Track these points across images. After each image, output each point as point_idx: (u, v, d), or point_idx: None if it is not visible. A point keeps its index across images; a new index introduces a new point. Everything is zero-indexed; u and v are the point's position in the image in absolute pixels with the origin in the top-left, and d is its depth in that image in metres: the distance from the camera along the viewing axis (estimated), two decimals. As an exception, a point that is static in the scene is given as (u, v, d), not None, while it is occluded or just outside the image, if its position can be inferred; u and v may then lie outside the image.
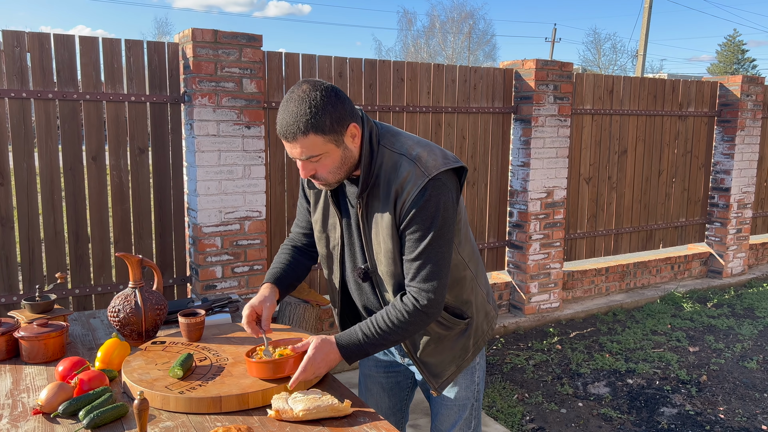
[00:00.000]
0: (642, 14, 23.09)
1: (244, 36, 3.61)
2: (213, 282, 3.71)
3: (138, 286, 1.93)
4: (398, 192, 1.61)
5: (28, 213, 3.36)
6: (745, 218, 6.43)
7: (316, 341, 1.63)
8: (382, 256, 1.69)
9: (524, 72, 4.83)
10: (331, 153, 1.59)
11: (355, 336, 1.66)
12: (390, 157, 1.65)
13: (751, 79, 6.21)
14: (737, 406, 3.67)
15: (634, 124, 5.65)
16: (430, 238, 1.61)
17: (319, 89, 1.55)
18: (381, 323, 1.65)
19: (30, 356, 1.80)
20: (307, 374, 1.59)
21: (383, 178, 1.64)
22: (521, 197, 4.94)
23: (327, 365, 1.63)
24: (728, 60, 48.04)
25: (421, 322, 1.66)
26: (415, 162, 1.62)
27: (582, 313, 5.27)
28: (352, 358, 1.66)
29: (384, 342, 1.66)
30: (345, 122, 1.58)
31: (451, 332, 1.81)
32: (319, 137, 1.54)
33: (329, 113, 1.54)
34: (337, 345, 1.64)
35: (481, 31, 42.26)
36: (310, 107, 1.52)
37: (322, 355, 1.62)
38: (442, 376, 1.84)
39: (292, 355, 1.61)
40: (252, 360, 1.61)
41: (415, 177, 1.60)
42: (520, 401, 3.70)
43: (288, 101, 1.56)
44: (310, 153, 1.57)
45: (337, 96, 1.56)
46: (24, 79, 3.26)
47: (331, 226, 1.82)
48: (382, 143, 1.67)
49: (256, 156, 3.73)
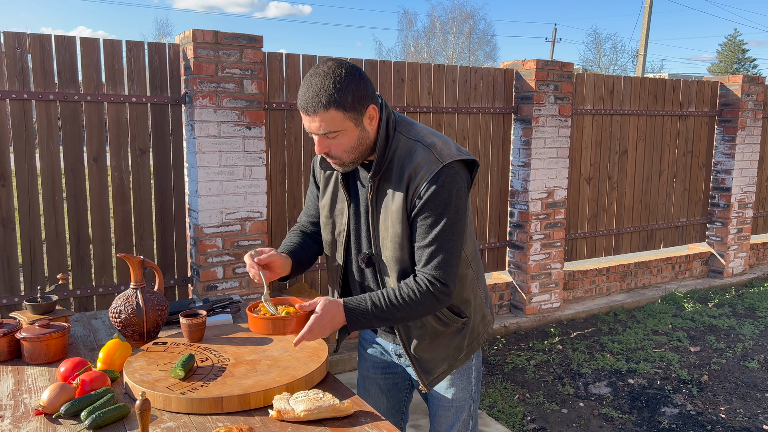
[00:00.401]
0: (642, 14, 23.09)
1: (244, 37, 3.62)
2: (214, 283, 3.71)
3: (139, 287, 1.94)
4: (411, 176, 1.63)
5: (30, 214, 3.37)
6: (746, 218, 6.43)
7: (323, 302, 1.60)
8: (388, 241, 1.69)
9: (525, 72, 4.83)
10: (348, 131, 1.60)
11: (364, 304, 1.64)
12: (405, 143, 1.67)
13: (752, 78, 6.21)
14: (738, 406, 3.67)
15: (635, 124, 5.65)
16: (443, 225, 1.62)
17: (344, 67, 1.57)
18: (391, 296, 1.64)
19: (32, 357, 1.80)
20: (312, 334, 1.57)
21: (396, 162, 1.66)
22: (522, 197, 4.94)
23: (332, 327, 1.61)
24: (729, 60, 48.02)
25: (430, 305, 1.65)
26: (429, 149, 1.64)
27: (583, 313, 5.27)
28: (355, 325, 1.63)
29: (390, 317, 1.64)
30: (365, 102, 1.60)
31: (448, 329, 1.81)
32: (339, 113, 1.56)
33: (352, 91, 1.56)
34: (345, 308, 1.62)
35: (482, 31, 42.28)
36: (334, 82, 1.54)
37: (329, 317, 1.59)
38: (433, 373, 1.84)
39: (298, 314, 1.59)
40: (255, 315, 1.58)
41: (429, 162, 1.62)
42: (521, 401, 3.70)
43: (312, 75, 1.57)
44: (328, 128, 1.58)
45: (360, 76, 1.59)
46: (25, 80, 3.27)
47: (338, 212, 1.82)
48: (398, 129, 1.69)
49: (257, 157, 3.73)
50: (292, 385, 1.58)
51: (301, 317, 1.59)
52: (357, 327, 1.64)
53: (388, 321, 1.65)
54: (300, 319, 1.59)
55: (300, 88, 1.60)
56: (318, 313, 1.58)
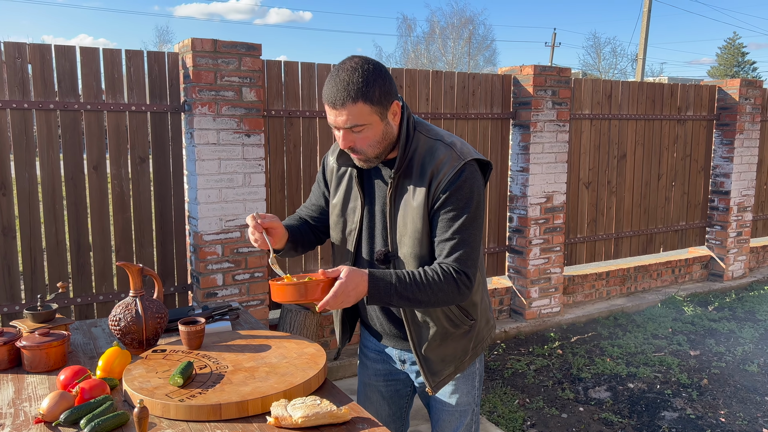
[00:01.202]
0: (641, 18, 23.15)
1: (243, 45, 3.64)
2: (214, 289, 3.73)
3: (139, 295, 1.95)
4: (434, 173, 1.67)
5: (30, 222, 3.39)
6: (746, 221, 6.44)
7: (347, 270, 1.59)
8: (407, 237, 1.71)
9: (522, 78, 4.85)
10: (374, 125, 1.63)
11: (388, 277, 1.63)
12: (425, 142, 1.71)
13: (750, 82, 6.23)
14: (738, 410, 3.67)
15: (633, 129, 5.67)
16: (465, 219, 1.65)
17: (371, 62, 1.62)
18: (416, 275, 1.64)
19: (32, 365, 1.81)
20: (337, 300, 1.56)
21: (417, 160, 1.70)
22: (521, 202, 4.96)
23: (356, 296, 1.59)
24: (728, 63, 48.07)
25: (451, 294, 1.66)
26: (451, 147, 1.70)
27: (583, 317, 5.27)
28: (375, 297, 1.62)
29: (411, 296, 1.63)
30: (391, 98, 1.64)
31: (458, 331, 1.83)
32: (367, 106, 1.59)
33: (379, 85, 1.60)
34: (369, 278, 1.61)
35: (481, 36, 42.41)
36: (362, 76, 1.58)
37: (353, 284, 1.58)
38: (440, 375, 1.85)
39: (323, 280, 1.58)
40: (280, 283, 1.58)
41: (451, 159, 1.66)
42: (521, 406, 3.70)
43: (339, 70, 1.60)
44: (355, 121, 1.60)
45: (386, 72, 1.63)
46: (26, 90, 3.29)
47: (350, 210, 1.84)
48: (418, 129, 1.73)
49: (256, 164, 3.75)
50: (290, 391, 1.59)
51: (326, 283, 1.58)
52: (377, 300, 1.62)
53: (408, 301, 1.64)
54: (325, 285, 1.58)
55: (326, 84, 1.63)
56: (343, 279, 1.57)
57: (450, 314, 1.79)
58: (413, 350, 1.82)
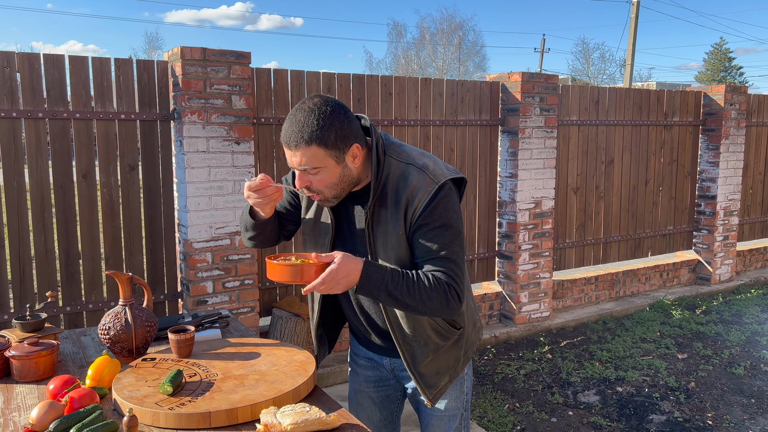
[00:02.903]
0: (629, 23, 23.37)
1: (232, 53, 3.66)
2: (204, 297, 3.73)
3: (128, 304, 1.96)
4: (409, 199, 1.65)
5: (19, 231, 3.38)
6: (732, 225, 6.51)
7: (342, 256, 1.57)
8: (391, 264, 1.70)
9: (510, 85, 4.90)
10: (330, 168, 1.62)
11: (382, 270, 1.61)
12: (397, 166, 1.69)
13: (734, 88, 6.31)
14: (725, 412, 3.71)
15: (620, 134, 5.73)
16: (447, 237, 1.65)
17: (329, 104, 1.59)
18: (409, 278, 1.62)
19: (21, 375, 1.81)
20: (325, 286, 1.55)
21: (390, 187, 1.68)
22: (510, 208, 4.99)
23: (346, 284, 1.58)
24: (716, 68, 48.59)
25: (439, 305, 1.64)
26: (423, 170, 1.67)
27: (572, 321, 5.31)
28: (364, 289, 1.59)
29: (399, 297, 1.61)
30: (348, 141, 1.62)
31: (447, 342, 1.85)
32: (321, 150, 1.58)
33: (335, 129, 1.58)
34: (363, 267, 1.58)
35: (471, 42, 42.60)
36: (317, 119, 1.56)
37: (345, 272, 1.56)
38: (436, 387, 1.87)
39: (317, 263, 1.57)
40: (275, 262, 1.58)
41: (425, 184, 1.65)
42: (511, 411, 3.73)
43: (297, 110, 1.59)
44: (309, 164, 1.60)
45: (345, 114, 1.61)
46: (14, 98, 3.29)
47: (322, 229, 1.82)
48: (388, 153, 1.71)
49: (246, 171, 3.76)
50: (279, 399, 1.61)
51: (319, 266, 1.57)
52: (365, 292, 1.60)
53: (395, 301, 1.62)
54: (318, 268, 1.57)
55: (285, 122, 1.62)
56: (335, 265, 1.55)
57: (437, 328, 1.81)
58: (408, 369, 1.84)
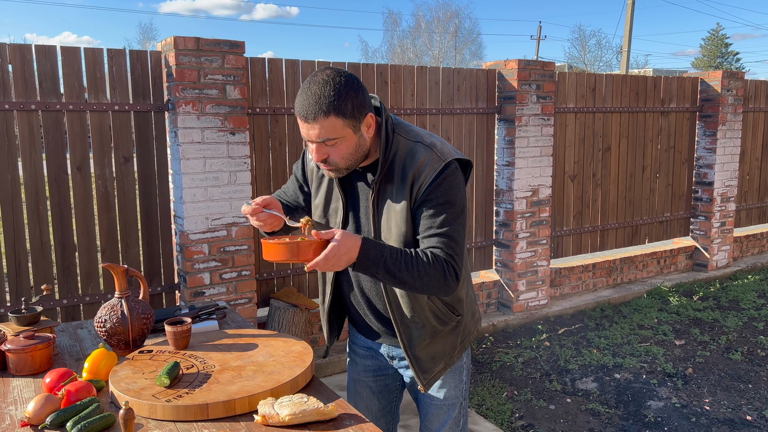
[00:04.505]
0: (625, 10, 23.27)
1: (226, 43, 3.63)
2: (201, 289, 3.72)
3: (124, 296, 1.95)
4: (415, 175, 1.67)
5: (14, 224, 3.36)
6: (729, 211, 6.51)
7: (341, 233, 1.57)
8: (392, 241, 1.71)
9: (507, 72, 4.87)
10: (347, 138, 1.63)
11: (380, 248, 1.61)
12: (405, 144, 1.71)
13: (731, 74, 6.29)
14: (722, 398, 3.72)
15: (617, 121, 5.71)
16: (449, 215, 1.65)
17: (343, 75, 1.60)
18: (407, 256, 1.63)
19: (17, 369, 1.81)
20: (327, 263, 1.54)
21: (398, 163, 1.70)
22: (507, 196, 4.98)
23: (347, 260, 1.57)
24: (712, 54, 48.48)
25: (437, 282, 1.64)
26: (430, 148, 1.69)
27: (570, 309, 5.32)
28: (363, 265, 1.59)
29: (397, 274, 1.61)
30: (364, 110, 1.63)
31: (446, 327, 1.85)
32: (339, 120, 1.58)
33: (351, 98, 1.59)
34: (362, 244, 1.58)
35: (467, 30, 42.38)
36: (334, 89, 1.57)
37: (345, 248, 1.55)
38: (431, 372, 1.87)
39: (316, 241, 1.55)
40: (272, 241, 1.55)
41: (431, 161, 1.66)
42: (510, 399, 3.74)
43: (311, 83, 1.59)
44: (327, 135, 1.60)
45: (359, 84, 1.62)
46: (6, 90, 3.26)
47: (332, 211, 1.84)
48: (397, 131, 1.72)
49: (242, 162, 3.74)
50: (277, 390, 1.60)
51: (318, 244, 1.55)
52: (363, 268, 1.60)
53: (393, 278, 1.62)
54: (317, 246, 1.55)
55: (298, 97, 1.61)
56: (336, 241, 1.54)
57: (437, 311, 1.81)
58: (404, 351, 1.84)
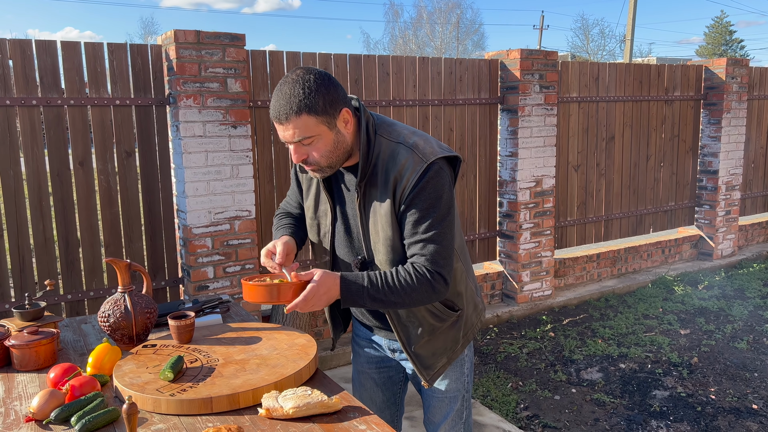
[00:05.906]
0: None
1: (227, 36, 3.61)
2: (205, 282, 3.72)
3: (127, 291, 1.94)
4: (397, 179, 1.64)
5: (17, 220, 3.36)
6: (734, 200, 6.48)
7: (320, 273, 1.59)
8: (380, 245, 1.70)
9: (509, 62, 4.84)
10: (323, 135, 1.61)
11: (360, 280, 1.63)
12: (387, 146, 1.68)
13: (736, 61, 6.24)
14: (728, 387, 3.72)
15: (621, 110, 5.68)
16: (433, 219, 1.63)
17: (313, 73, 1.58)
18: (389, 278, 1.64)
19: (21, 364, 1.81)
20: (307, 304, 1.56)
21: (381, 166, 1.67)
22: (510, 187, 4.96)
23: (327, 299, 1.60)
24: (716, 41, 48.11)
25: (426, 294, 1.65)
26: (412, 149, 1.66)
27: (574, 300, 5.31)
28: (348, 300, 1.62)
29: (384, 298, 1.63)
30: (337, 106, 1.61)
31: (444, 324, 1.83)
32: (311, 118, 1.57)
33: (322, 95, 1.57)
34: (341, 281, 1.61)
35: (469, 20, 42.23)
36: (303, 88, 1.56)
37: (325, 288, 1.58)
38: (433, 368, 1.86)
39: (296, 283, 1.58)
40: (251, 283, 1.57)
41: (413, 163, 1.63)
42: (514, 389, 3.74)
43: (282, 85, 1.59)
44: (302, 134, 1.58)
45: (330, 80, 1.60)
46: (7, 86, 3.25)
47: (322, 213, 1.84)
48: (379, 133, 1.70)
49: (244, 155, 3.73)
50: (281, 383, 1.60)
51: (297, 286, 1.58)
52: (350, 303, 1.62)
53: (382, 303, 1.64)
54: (296, 287, 1.58)
55: (272, 99, 1.61)
56: (315, 282, 1.57)
57: (434, 310, 1.80)
58: (403, 349, 1.83)
